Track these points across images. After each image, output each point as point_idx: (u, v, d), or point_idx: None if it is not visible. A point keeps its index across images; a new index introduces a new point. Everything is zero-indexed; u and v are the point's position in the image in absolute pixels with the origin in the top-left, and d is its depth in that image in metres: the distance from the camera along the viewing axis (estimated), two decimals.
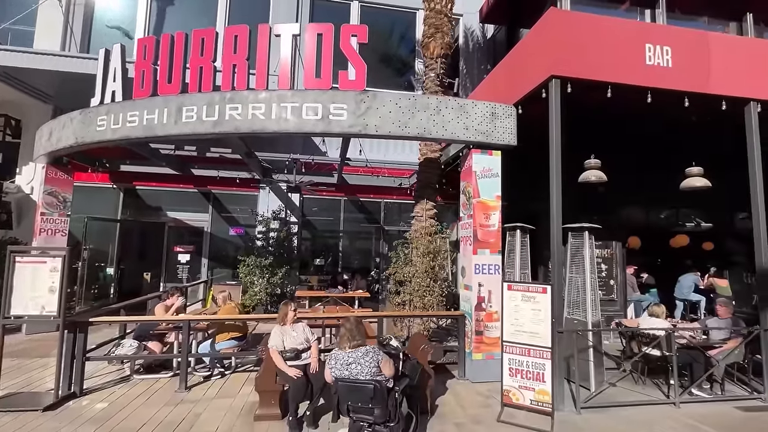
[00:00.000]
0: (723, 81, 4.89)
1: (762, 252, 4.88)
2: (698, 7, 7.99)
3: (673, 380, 4.47)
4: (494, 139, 5.25)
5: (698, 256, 9.08)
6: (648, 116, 5.85)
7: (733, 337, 4.88)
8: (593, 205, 7.47)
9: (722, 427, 3.91)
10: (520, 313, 4.18)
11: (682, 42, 4.93)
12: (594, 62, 4.63)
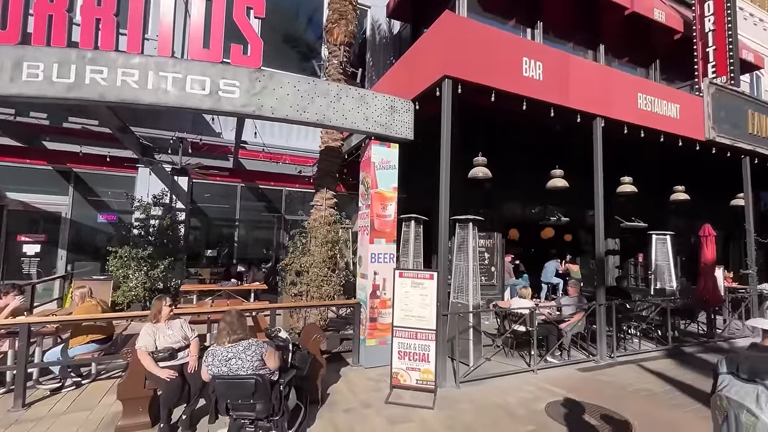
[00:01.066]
0: (578, 97, 5.78)
1: (599, 243, 5.97)
2: (566, 34, 9.33)
3: (534, 351, 5.22)
4: (393, 132, 5.40)
5: (560, 246, 10.76)
6: (524, 123, 6.63)
7: (578, 311, 5.89)
8: (480, 200, 8.27)
9: (566, 387, 4.68)
10: (410, 299, 4.40)
11: (551, 60, 5.68)
12: (482, 67, 5.06)
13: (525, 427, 3.68)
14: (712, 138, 6.99)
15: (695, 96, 7.27)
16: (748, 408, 1.67)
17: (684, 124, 6.84)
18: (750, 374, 1.74)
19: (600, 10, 9.09)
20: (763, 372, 1.70)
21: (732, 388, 1.77)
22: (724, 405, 1.77)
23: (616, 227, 9.77)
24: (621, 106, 6.28)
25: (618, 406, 4.16)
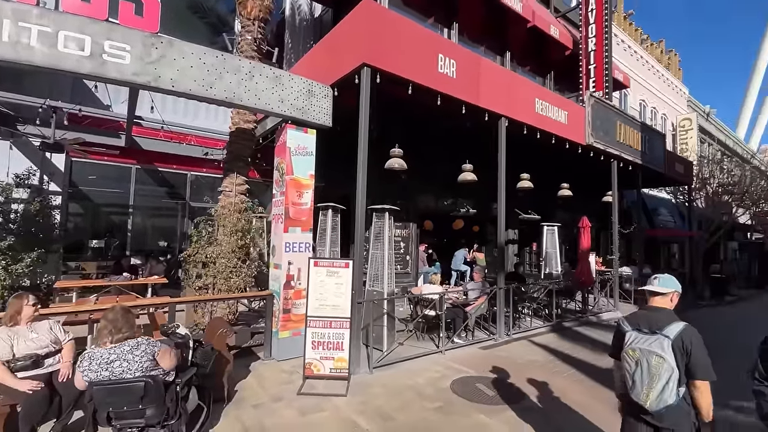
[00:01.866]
0: (487, 98, 6.23)
1: (501, 233, 6.57)
2: (479, 38, 10.00)
3: (442, 334, 5.57)
4: (310, 117, 5.22)
5: (469, 236, 11.64)
6: (439, 119, 6.97)
7: (482, 295, 6.43)
8: (397, 191, 8.50)
9: (469, 365, 5.09)
10: (325, 288, 4.35)
11: (464, 59, 6.01)
12: (400, 59, 5.14)
13: (432, 405, 3.91)
14: (590, 143, 8.13)
15: (580, 105, 8.37)
16: (657, 353, 2.07)
17: (571, 129, 7.84)
18: (650, 328, 2.16)
19: (507, 20, 9.91)
20: (660, 325, 2.14)
21: (640, 340, 2.16)
22: (636, 354, 2.16)
23: (516, 219, 10.90)
24: (522, 109, 6.94)
25: (510, 376, 4.66)
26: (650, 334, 2.14)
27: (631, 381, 2.16)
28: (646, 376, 2.09)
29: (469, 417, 3.67)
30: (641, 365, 2.11)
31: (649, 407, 2.08)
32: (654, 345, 2.09)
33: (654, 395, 2.05)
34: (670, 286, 2.27)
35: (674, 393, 2.04)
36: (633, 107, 16.09)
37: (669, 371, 2.03)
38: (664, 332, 2.10)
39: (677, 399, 2.04)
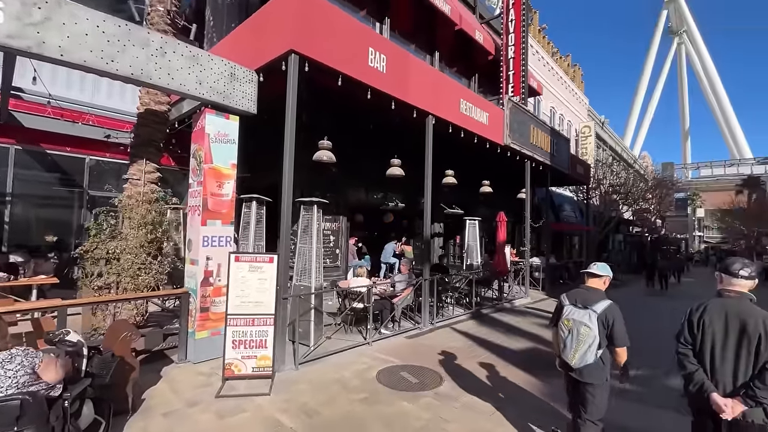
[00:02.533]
0: (416, 95, 6.40)
1: (427, 226, 6.85)
2: (410, 36, 10.20)
3: (369, 325, 5.65)
4: (232, 102, 4.89)
5: (398, 229, 11.94)
6: (370, 113, 6.99)
7: (408, 287, 6.66)
8: (327, 184, 8.38)
9: (395, 354, 5.25)
10: (247, 284, 4.13)
11: (395, 55, 6.09)
12: (330, 49, 5.03)
13: (358, 396, 3.95)
14: (508, 143, 8.82)
15: (499, 108, 9.02)
16: (585, 324, 2.59)
17: (491, 130, 8.41)
18: (583, 304, 2.68)
19: (436, 21, 10.25)
20: (590, 302, 2.66)
21: (574, 313, 2.67)
22: (570, 324, 2.67)
23: (441, 213, 11.43)
24: (448, 108, 7.26)
25: (433, 363, 4.91)
26: (583, 308, 2.65)
27: (563, 344, 2.69)
28: (575, 341, 2.62)
29: (393, 405, 3.78)
30: (572, 333, 2.64)
31: (573, 365, 2.63)
32: (584, 317, 2.61)
33: (578, 356, 2.60)
34: (604, 272, 2.82)
35: (593, 354, 2.58)
36: (545, 113, 17.80)
37: (592, 338, 2.57)
38: (593, 308, 2.61)
39: (595, 359, 2.60)
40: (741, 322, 2.16)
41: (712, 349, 2.24)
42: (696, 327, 2.31)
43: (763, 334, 2.08)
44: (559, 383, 4.50)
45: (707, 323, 2.27)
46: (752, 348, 2.11)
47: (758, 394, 2.02)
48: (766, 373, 2.03)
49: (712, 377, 2.22)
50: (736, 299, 2.25)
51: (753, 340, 2.10)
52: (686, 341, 2.35)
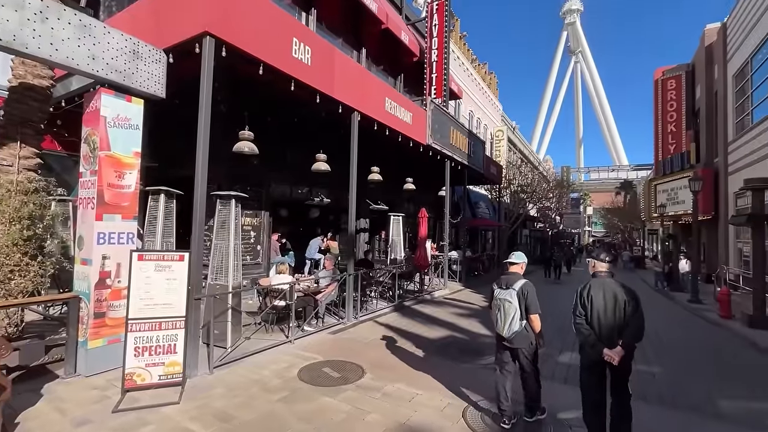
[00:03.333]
0: (342, 90, 6.38)
1: (352, 222, 6.90)
2: (337, 30, 10.10)
3: (292, 323, 5.54)
4: (135, 83, 4.38)
5: (324, 225, 11.83)
6: (295, 105, 6.80)
7: (333, 282, 6.65)
8: (249, 177, 7.97)
9: (318, 351, 5.23)
10: (153, 285, 3.77)
11: (320, 48, 6.00)
12: (251, 36, 4.77)
13: (278, 396, 3.86)
14: (430, 143, 9.26)
15: (422, 109, 9.41)
16: (508, 300, 3.29)
17: (415, 129, 8.75)
18: (506, 285, 3.40)
19: (364, 18, 10.30)
20: (511, 283, 3.38)
21: (500, 294, 3.38)
22: (498, 303, 3.36)
23: (367, 209, 11.60)
24: (374, 106, 7.37)
25: (356, 357, 5.00)
26: (507, 289, 3.37)
27: (495, 319, 3.39)
28: (503, 316, 3.31)
29: (315, 401, 3.78)
30: (500, 309, 3.33)
31: (504, 335, 3.31)
32: (507, 296, 3.32)
33: (507, 327, 3.28)
34: (521, 259, 3.56)
35: (518, 324, 3.27)
36: (464, 116, 19.00)
37: (514, 310, 3.27)
38: (513, 287, 3.33)
39: (520, 327, 3.27)
40: (613, 293, 2.95)
41: (598, 317, 2.95)
42: (584, 301, 3.03)
43: (627, 300, 2.89)
44: (469, 367, 4.90)
45: (593, 298, 2.99)
46: (622, 312, 2.89)
47: (629, 342, 2.81)
48: (629, 327, 2.84)
49: (599, 337, 2.91)
50: (606, 278, 3.08)
51: (621, 305, 2.90)
52: (579, 314, 3.02)
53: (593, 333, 2.92)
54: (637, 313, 2.85)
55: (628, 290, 2.96)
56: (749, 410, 3.97)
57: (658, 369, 5.11)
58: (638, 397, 3.88)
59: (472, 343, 5.96)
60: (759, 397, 4.32)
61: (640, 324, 2.83)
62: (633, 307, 2.87)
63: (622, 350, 2.79)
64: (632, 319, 2.85)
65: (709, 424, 3.64)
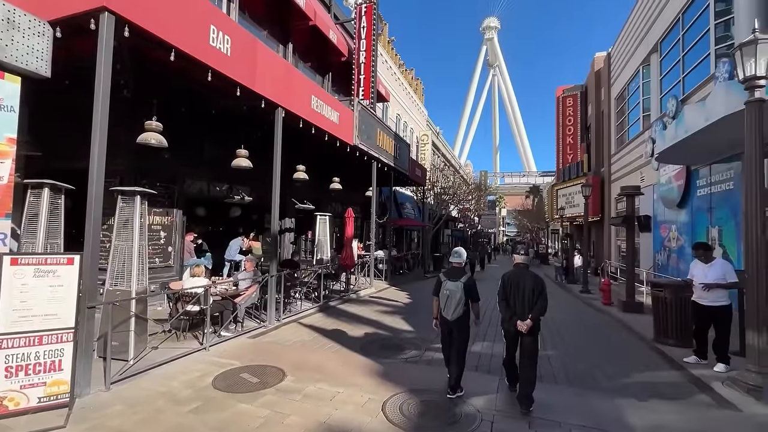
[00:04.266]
0: (265, 84, 6.15)
1: (275, 221, 6.69)
2: (262, 22, 9.68)
3: (207, 329, 5.19)
4: (9, 57, 3.73)
5: (247, 224, 11.25)
6: (215, 97, 6.38)
7: (253, 284, 6.37)
8: (160, 172, 7.26)
9: (236, 357, 4.97)
10: (31, 293, 3.25)
11: (241, 39, 5.71)
12: (162, 18, 4.36)
13: (188, 407, 3.60)
14: (357, 144, 9.35)
15: (350, 109, 9.46)
16: (455, 290, 3.97)
17: (341, 129, 8.76)
18: (451, 278, 4.07)
19: (291, 12, 10.03)
20: (457, 276, 4.06)
21: (449, 285, 4.04)
22: (447, 292, 4.02)
23: (293, 208, 11.31)
24: (299, 103, 7.22)
25: (277, 360, 4.86)
26: (454, 281, 4.03)
27: (444, 306, 4.06)
28: (451, 302, 3.99)
29: (230, 409, 3.59)
30: (449, 297, 4.01)
31: (451, 318, 4.00)
32: (455, 287, 4.00)
33: (452, 311, 3.98)
34: (461, 258, 4.27)
35: (462, 309, 3.98)
36: (391, 119, 19.49)
37: (459, 298, 3.96)
38: (460, 280, 4.03)
39: (463, 311, 3.99)
40: (524, 280, 3.89)
41: (514, 298, 3.89)
42: (506, 287, 3.96)
43: (536, 285, 3.82)
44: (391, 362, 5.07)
45: (512, 284, 3.92)
46: (530, 294, 3.81)
47: (536, 316, 3.76)
48: (536, 305, 3.77)
49: (515, 313, 3.85)
50: (522, 269, 4.00)
51: (529, 289, 3.82)
52: (502, 296, 3.98)
53: (511, 310, 3.89)
54: (542, 296, 3.80)
55: (537, 278, 3.90)
56: (623, 384, 4.71)
57: (552, 351, 5.81)
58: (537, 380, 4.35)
59: (394, 339, 6.17)
60: (627, 373, 5.14)
61: (544, 304, 3.79)
62: (539, 290, 3.81)
63: (531, 322, 3.75)
64: (539, 299, 3.79)
65: (590, 394, 4.24)
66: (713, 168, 9.17)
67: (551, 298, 4.07)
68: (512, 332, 3.89)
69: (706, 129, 6.69)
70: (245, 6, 9.00)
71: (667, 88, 12.13)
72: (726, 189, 8.61)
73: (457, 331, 4.04)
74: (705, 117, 6.63)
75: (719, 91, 6.28)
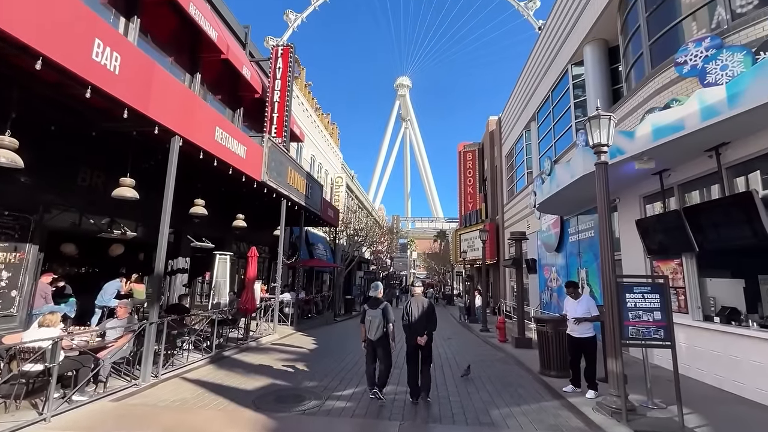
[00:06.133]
0: (160, 110, 5.66)
1: (160, 261, 5.91)
2: (168, 48, 9.13)
3: (53, 393, 4.15)
4: None
5: (131, 264, 9.76)
6: (97, 118, 5.64)
7: (126, 333, 5.40)
8: (9, 198, 6.00)
9: (89, 426, 4.03)
10: None
11: (134, 59, 5.25)
12: (28, 20, 3.80)
13: None
14: (265, 180, 9.01)
15: (259, 145, 9.19)
16: (377, 316, 5.19)
17: (249, 164, 8.39)
18: (372, 306, 5.31)
19: (201, 43, 9.69)
20: (378, 305, 5.29)
21: (370, 311, 5.25)
22: (369, 318, 5.21)
23: (188, 246, 10.21)
24: (202, 133, 6.77)
25: (145, 426, 4.06)
26: (375, 309, 5.25)
27: (368, 329, 5.22)
28: (373, 326, 5.18)
29: None
30: (372, 322, 5.19)
31: (373, 338, 5.16)
32: (376, 313, 5.21)
33: (375, 333, 5.16)
34: (379, 289, 5.54)
35: (381, 330, 5.17)
36: (305, 159, 19.47)
37: (379, 322, 5.17)
38: (380, 308, 5.25)
39: (383, 333, 5.19)
40: (421, 305, 5.37)
41: (413, 318, 5.29)
42: (407, 309, 5.38)
43: (427, 310, 5.31)
44: (284, 416, 4.63)
45: (412, 308, 5.36)
46: (424, 316, 5.27)
47: (430, 332, 5.22)
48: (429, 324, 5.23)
49: (415, 331, 5.21)
50: (418, 296, 5.52)
51: (424, 313, 5.29)
52: (405, 320, 5.35)
53: (412, 328, 5.25)
54: (433, 317, 5.32)
55: (430, 304, 5.43)
56: (512, 416, 4.92)
57: (454, 392, 5.91)
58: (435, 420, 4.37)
59: (293, 390, 5.67)
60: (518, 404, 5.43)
61: (434, 321, 5.33)
62: (431, 313, 5.32)
63: (426, 338, 5.16)
64: (430, 317, 5.28)
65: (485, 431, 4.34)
66: (580, 218, 10.88)
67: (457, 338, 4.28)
68: (413, 345, 5.25)
69: (571, 185, 7.98)
70: (148, 29, 8.44)
71: (544, 150, 14.37)
72: (589, 236, 10.22)
73: (380, 349, 5.20)
74: (570, 175, 7.92)
75: (578, 155, 7.61)
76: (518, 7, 54.60)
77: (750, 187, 5.60)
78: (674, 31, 7.32)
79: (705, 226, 5.93)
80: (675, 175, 6.86)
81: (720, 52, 6.03)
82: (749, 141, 5.49)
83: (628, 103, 8.36)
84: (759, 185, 5.55)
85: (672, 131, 5.60)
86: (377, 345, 5.14)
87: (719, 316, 6.09)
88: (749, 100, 4.65)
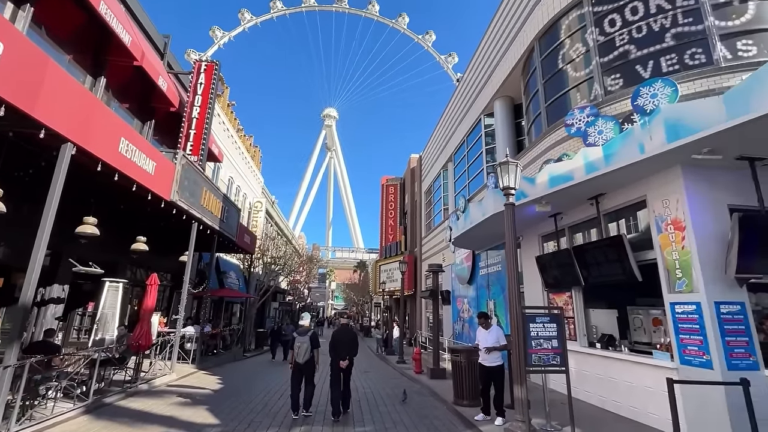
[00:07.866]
0: (50, 112, 4.90)
1: (29, 287, 4.89)
2: (67, 45, 8.07)
3: None
4: None
5: None
6: None
7: None
8: None
9: None
10: None
11: (21, 49, 4.53)
12: None
13: None
14: (175, 200, 8.21)
15: (171, 162, 8.41)
16: (305, 342, 6.07)
17: (157, 182, 7.58)
18: (301, 334, 6.17)
19: (110, 46, 8.78)
20: (305, 333, 6.18)
21: (300, 339, 6.09)
22: (298, 344, 6.05)
23: (69, 271, 8.66)
24: (102, 143, 5.99)
25: None
26: (304, 336, 6.09)
27: (297, 354, 6.02)
28: (302, 351, 6.01)
29: None
30: (301, 348, 6.01)
31: (301, 362, 6.00)
32: (304, 340, 6.07)
33: (302, 357, 6.00)
34: (307, 320, 6.49)
35: (308, 354, 6.04)
36: (223, 180, 18.30)
37: (306, 347, 6.04)
38: (308, 335, 6.11)
39: (309, 357, 6.05)
40: (345, 335, 6.45)
41: (338, 345, 6.27)
42: (334, 339, 6.34)
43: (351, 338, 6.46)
44: None
45: (338, 336, 6.37)
46: (348, 343, 6.33)
47: (351, 357, 6.29)
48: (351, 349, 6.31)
49: (339, 356, 6.18)
50: (344, 327, 6.62)
51: (349, 340, 6.38)
52: (331, 346, 6.28)
53: (336, 353, 6.22)
54: (355, 344, 6.44)
55: (354, 333, 6.71)
56: None
57: (371, 426, 5.75)
58: None
59: None
60: None
61: (355, 347, 6.46)
62: (354, 341, 6.46)
63: (347, 362, 6.19)
64: (353, 345, 6.39)
65: None
66: (489, 253, 11.85)
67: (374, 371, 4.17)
68: (336, 368, 6.18)
69: (483, 222, 8.73)
70: (43, 21, 7.41)
71: (459, 188, 15.60)
72: (497, 270, 11.15)
73: (306, 371, 6.08)
74: (482, 213, 8.67)
75: (489, 196, 8.40)
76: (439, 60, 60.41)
77: (620, 231, 6.72)
78: (565, 97, 8.73)
79: (589, 264, 6.89)
80: (566, 218, 7.95)
81: (597, 120, 7.33)
82: (618, 193, 6.65)
83: (530, 153, 9.60)
84: (626, 230, 6.69)
85: (564, 180, 6.53)
86: (304, 368, 6.02)
87: (600, 342, 7.01)
88: (619, 160, 5.69)
